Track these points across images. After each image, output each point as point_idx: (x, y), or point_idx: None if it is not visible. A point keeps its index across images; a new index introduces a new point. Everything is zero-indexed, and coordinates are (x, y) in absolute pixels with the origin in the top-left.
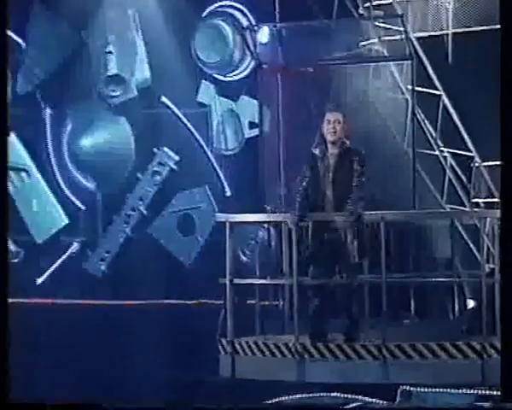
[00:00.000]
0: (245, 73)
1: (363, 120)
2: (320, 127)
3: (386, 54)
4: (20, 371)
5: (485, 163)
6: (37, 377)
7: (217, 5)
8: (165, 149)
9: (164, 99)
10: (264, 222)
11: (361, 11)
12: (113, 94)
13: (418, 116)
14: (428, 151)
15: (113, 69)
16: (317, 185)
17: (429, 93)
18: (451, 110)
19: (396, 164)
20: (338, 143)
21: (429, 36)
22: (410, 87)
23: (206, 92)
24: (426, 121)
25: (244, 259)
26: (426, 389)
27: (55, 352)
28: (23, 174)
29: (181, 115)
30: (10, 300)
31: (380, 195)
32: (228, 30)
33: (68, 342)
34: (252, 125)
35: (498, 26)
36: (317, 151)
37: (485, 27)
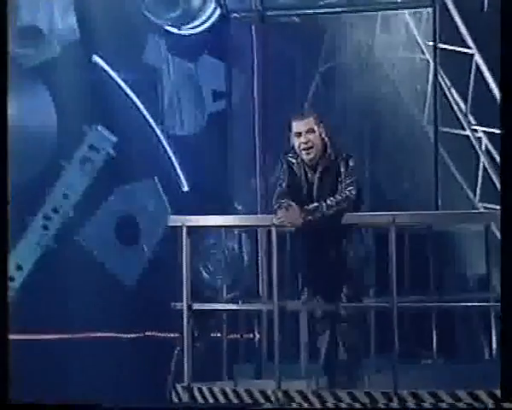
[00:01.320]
0: (207, 24)
1: (368, 88)
2: (289, 136)
3: None
4: None
5: None
6: None
7: None
8: (99, 127)
9: (97, 59)
10: (234, 227)
11: None
12: (27, 53)
13: (442, 83)
14: (456, 130)
15: (25, 18)
16: (298, 198)
17: (458, 52)
18: (487, 75)
19: (412, 148)
20: (317, 160)
21: None
22: (431, 44)
23: (155, 51)
24: (453, 90)
25: (207, 277)
26: None
27: None
28: None
29: (120, 82)
30: None
31: (390, 190)
32: None
33: None
34: (217, 95)
35: None
36: (293, 160)
37: None
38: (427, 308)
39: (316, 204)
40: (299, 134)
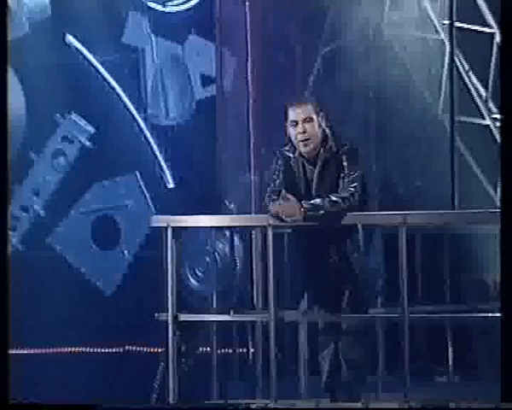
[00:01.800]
0: (195, 0)
1: (376, 72)
2: (285, 126)
3: None
4: None
5: None
6: None
7: None
8: (74, 116)
9: (71, 39)
10: (226, 227)
11: None
12: None
13: (460, 66)
14: (475, 120)
15: None
16: (295, 196)
17: (477, 31)
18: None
19: (425, 139)
20: (316, 153)
21: None
22: (446, 22)
23: (137, 30)
24: (471, 74)
25: (194, 284)
26: None
27: None
28: None
29: (97, 64)
30: None
31: (400, 187)
32: None
33: None
34: (206, 80)
35: None
36: (289, 154)
37: None
38: (442, 320)
39: (317, 200)
40: (295, 123)
